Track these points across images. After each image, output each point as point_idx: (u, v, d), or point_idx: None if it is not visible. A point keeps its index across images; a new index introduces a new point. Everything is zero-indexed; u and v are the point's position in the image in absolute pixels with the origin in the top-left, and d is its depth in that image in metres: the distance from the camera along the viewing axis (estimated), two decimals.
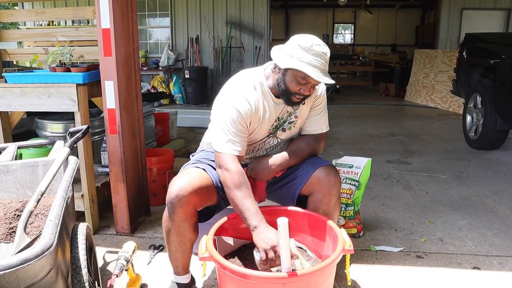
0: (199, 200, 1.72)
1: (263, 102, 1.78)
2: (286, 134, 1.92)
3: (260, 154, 1.94)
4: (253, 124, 1.79)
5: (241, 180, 1.66)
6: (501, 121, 4.29)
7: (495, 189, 3.44)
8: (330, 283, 1.59)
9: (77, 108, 2.39)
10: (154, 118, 4.09)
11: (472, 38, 5.34)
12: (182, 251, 1.80)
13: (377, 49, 14.94)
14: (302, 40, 1.66)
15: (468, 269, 2.21)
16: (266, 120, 1.81)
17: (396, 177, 3.77)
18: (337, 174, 1.85)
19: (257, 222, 1.58)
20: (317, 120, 1.94)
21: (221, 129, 1.72)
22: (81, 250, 1.55)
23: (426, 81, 8.27)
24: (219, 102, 1.80)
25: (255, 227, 1.57)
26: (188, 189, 1.66)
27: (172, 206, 1.66)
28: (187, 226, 1.72)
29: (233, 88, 1.79)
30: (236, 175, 1.66)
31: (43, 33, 3.43)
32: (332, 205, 1.83)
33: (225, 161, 1.69)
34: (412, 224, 2.77)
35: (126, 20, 2.47)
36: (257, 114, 1.77)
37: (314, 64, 1.63)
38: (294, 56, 1.64)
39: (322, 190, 1.81)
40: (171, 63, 9.09)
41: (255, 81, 1.79)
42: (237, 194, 1.64)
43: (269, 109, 1.80)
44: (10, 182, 1.87)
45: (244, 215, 1.61)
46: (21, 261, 1.07)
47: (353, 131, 5.90)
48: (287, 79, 1.70)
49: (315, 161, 1.89)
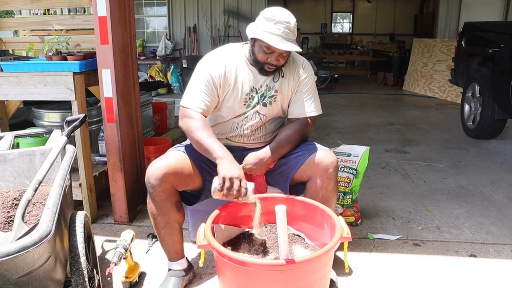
0: (176, 180, 1.76)
1: (237, 69, 1.87)
2: (267, 110, 1.94)
3: (246, 132, 1.96)
4: (224, 88, 1.87)
5: (204, 124, 1.77)
6: (499, 110, 4.29)
7: (492, 178, 3.46)
8: (328, 271, 1.60)
9: (74, 97, 2.38)
10: (151, 108, 4.07)
11: (471, 27, 5.31)
12: (169, 233, 1.83)
13: (376, 38, 14.87)
14: (266, 12, 1.76)
15: (465, 257, 2.23)
16: (239, 86, 1.87)
17: (394, 166, 3.78)
18: (334, 158, 1.85)
19: (223, 154, 1.68)
20: (302, 104, 1.95)
21: (191, 87, 1.86)
22: (79, 238, 1.55)
23: (424, 71, 8.25)
24: (196, 66, 1.91)
25: (221, 158, 1.66)
26: (163, 168, 1.72)
27: (151, 186, 1.72)
28: (169, 205, 1.76)
29: (210, 55, 1.91)
30: (198, 121, 1.77)
31: (39, 21, 3.40)
32: (330, 189, 1.84)
33: (188, 113, 1.81)
34: (410, 212, 2.78)
35: (122, 8, 2.44)
36: (229, 78, 1.86)
37: (276, 33, 1.70)
38: (259, 27, 1.74)
39: (320, 174, 1.82)
40: (169, 53, 9.04)
41: (233, 51, 1.91)
42: (200, 135, 1.74)
43: (243, 76, 1.87)
44: (7, 171, 1.87)
45: (209, 150, 1.70)
46: (19, 249, 1.07)
47: (351, 120, 5.90)
48: (255, 50, 1.80)
49: (311, 147, 1.90)
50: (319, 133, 5.07)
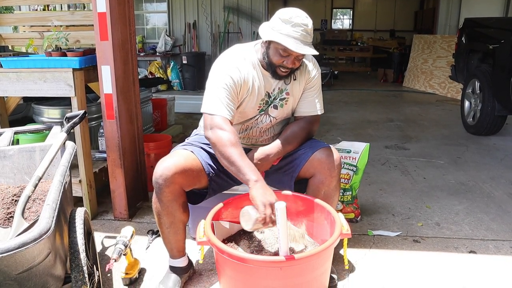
0: (185, 180, 1.72)
1: (253, 73, 1.82)
2: (278, 112, 1.92)
3: (254, 135, 1.95)
4: (243, 93, 1.81)
5: (237, 139, 1.66)
6: (499, 106, 4.29)
7: (492, 174, 3.46)
8: (328, 267, 1.61)
9: (73, 93, 2.37)
10: (151, 104, 4.07)
11: (471, 23, 5.29)
12: (174, 232, 1.81)
13: (376, 35, 14.82)
14: (282, 13, 1.70)
15: (464, 253, 2.23)
16: (256, 91, 1.83)
17: (394, 162, 3.78)
18: (338, 155, 1.85)
19: (257, 177, 1.57)
20: (311, 102, 1.95)
21: (214, 93, 1.74)
22: (79, 234, 1.55)
23: (424, 67, 8.24)
24: (212, 71, 1.83)
25: (256, 181, 1.56)
26: (172, 169, 1.67)
27: (159, 187, 1.69)
28: (176, 206, 1.74)
29: (226, 59, 1.83)
30: (232, 133, 1.66)
31: (39, 17, 3.39)
32: (333, 186, 1.83)
33: (218, 122, 1.69)
34: (409, 209, 2.78)
35: (122, 4, 2.43)
36: (247, 83, 1.80)
37: (293, 36, 1.65)
38: (275, 29, 1.69)
39: (323, 171, 1.81)
40: (169, 49, 9.02)
41: (245, 54, 1.84)
42: (233, 151, 1.62)
43: (259, 80, 1.83)
44: (7, 167, 1.86)
45: (242, 170, 1.59)
46: (19, 245, 1.07)
47: (351, 116, 5.89)
48: (270, 52, 1.75)
49: (314, 144, 1.89)
50: (319, 129, 5.06)
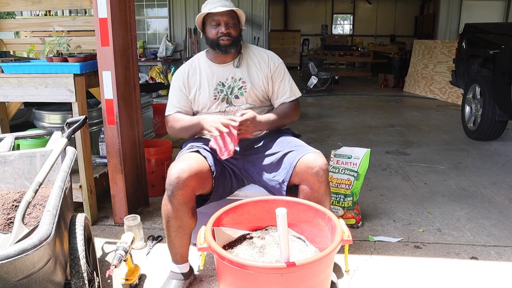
0: (197, 183, 1.78)
1: (200, 68, 2.08)
2: (241, 101, 2.06)
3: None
4: (190, 87, 2.08)
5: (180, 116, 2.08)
6: (500, 111, 4.28)
7: (493, 179, 3.45)
8: (329, 274, 1.60)
9: (74, 99, 2.38)
10: (152, 109, 4.08)
11: (471, 28, 5.30)
12: (180, 237, 1.82)
13: (376, 40, 14.87)
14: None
15: (466, 259, 2.23)
16: (206, 82, 2.05)
17: (395, 167, 3.77)
18: (324, 160, 1.84)
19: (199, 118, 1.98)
20: (286, 88, 2.13)
21: (169, 98, 2.13)
22: (79, 240, 1.54)
23: (425, 72, 8.25)
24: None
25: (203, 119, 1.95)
26: (187, 172, 1.73)
27: (172, 189, 1.72)
28: (185, 210, 1.76)
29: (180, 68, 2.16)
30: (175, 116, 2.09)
31: (40, 22, 3.40)
32: (322, 191, 1.83)
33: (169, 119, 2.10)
34: (411, 214, 2.78)
35: (123, 10, 2.44)
36: (193, 78, 2.07)
37: (211, 2, 1.96)
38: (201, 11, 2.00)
39: (310, 178, 1.81)
40: (169, 54, 9.05)
41: (195, 57, 2.15)
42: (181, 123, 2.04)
43: (207, 73, 2.06)
44: (7, 172, 1.86)
45: (193, 124, 1.99)
46: (19, 251, 1.06)
47: (351, 122, 5.89)
48: (207, 33, 2.01)
49: (300, 149, 1.90)
50: (320, 135, 5.07)
